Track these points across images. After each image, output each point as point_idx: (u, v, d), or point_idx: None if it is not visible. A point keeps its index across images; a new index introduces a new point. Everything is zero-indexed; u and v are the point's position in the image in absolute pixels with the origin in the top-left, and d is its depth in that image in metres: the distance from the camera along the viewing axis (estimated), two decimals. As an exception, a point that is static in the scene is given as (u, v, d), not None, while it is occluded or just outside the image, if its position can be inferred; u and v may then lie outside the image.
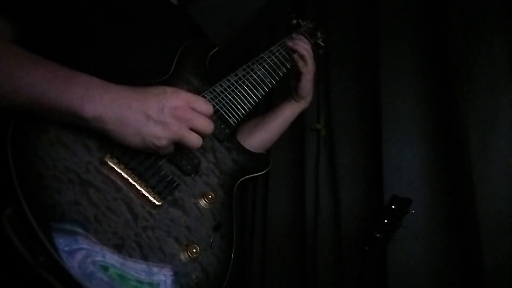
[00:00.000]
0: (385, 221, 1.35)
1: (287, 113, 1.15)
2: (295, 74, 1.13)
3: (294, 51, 1.10)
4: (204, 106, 0.71)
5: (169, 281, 0.64)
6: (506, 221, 1.32)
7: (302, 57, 1.10)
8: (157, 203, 0.67)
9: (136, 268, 0.60)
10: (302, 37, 1.15)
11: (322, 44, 1.27)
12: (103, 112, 0.61)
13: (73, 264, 0.54)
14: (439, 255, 1.46)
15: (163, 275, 0.63)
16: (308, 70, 1.11)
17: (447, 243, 1.45)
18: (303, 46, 1.10)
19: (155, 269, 0.63)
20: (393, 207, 1.34)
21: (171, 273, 0.64)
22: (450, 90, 1.51)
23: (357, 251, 1.46)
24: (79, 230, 0.57)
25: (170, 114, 0.65)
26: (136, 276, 0.60)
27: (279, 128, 1.15)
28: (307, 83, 1.12)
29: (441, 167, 1.53)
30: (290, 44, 1.10)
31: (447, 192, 1.49)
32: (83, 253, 0.56)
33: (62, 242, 0.54)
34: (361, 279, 1.35)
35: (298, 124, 2.09)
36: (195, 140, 0.69)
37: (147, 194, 0.67)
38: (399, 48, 1.70)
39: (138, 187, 0.66)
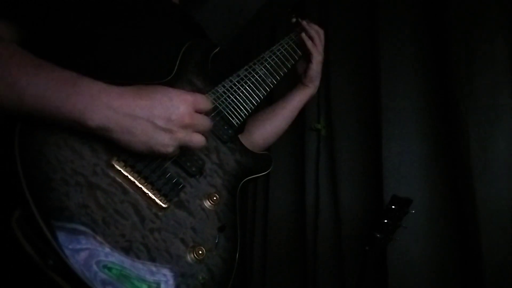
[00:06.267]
0: (385, 221, 1.35)
1: (297, 99, 1.16)
2: (305, 57, 1.13)
3: (304, 32, 1.11)
4: (206, 105, 0.71)
5: (176, 283, 0.64)
6: (506, 221, 1.33)
7: (312, 38, 1.11)
8: (163, 205, 0.67)
9: (144, 270, 0.61)
10: (311, 23, 1.17)
11: None
12: (107, 122, 0.61)
13: (82, 267, 0.54)
14: (439, 255, 1.47)
15: (170, 277, 0.64)
16: (318, 51, 1.12)
17: (447, 243, 1.46)
18: (313, 28, 1.12)
19: (162, 271, 0.63)
20: (393, 207, 1.34)
21: (178, 274, 0.64)
22: (450, 90, 1.51)
23: (357, 251, 1.46)
24: (88, 232, 0.57)
25: (178, 123, 0.65)
26: (144, 278, 0.60)
27: (290, 116, 1.16)
28: (317, 65, 1.13)
29: (441, 167, 1.53)
30: (300, 27, 1.12)
31: (447, 192, 1.50)
32: (91, 255, 0.56)
33: (70, 245, 0.55)
34: (361, 279, 1.35)
35: (299, 124, 2.10)
36: (200, 142, 0.70)
37: (153, 197, 0.67)
38: (399, 48, 1.70)
39: (145, 190, 0.66)
